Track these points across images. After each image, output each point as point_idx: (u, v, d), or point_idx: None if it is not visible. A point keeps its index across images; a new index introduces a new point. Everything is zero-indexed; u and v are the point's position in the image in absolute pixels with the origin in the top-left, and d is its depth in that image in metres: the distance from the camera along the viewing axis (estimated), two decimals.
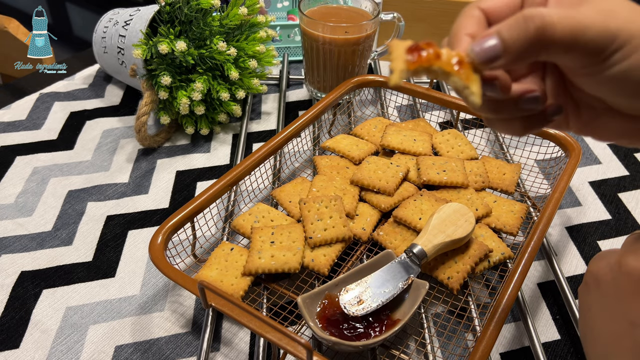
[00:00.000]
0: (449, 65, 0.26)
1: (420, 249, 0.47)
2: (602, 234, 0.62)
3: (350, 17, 0.76)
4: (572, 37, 0.25)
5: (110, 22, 0.76)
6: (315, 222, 0.53)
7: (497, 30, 0.26)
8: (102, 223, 0.61)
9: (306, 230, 0.53)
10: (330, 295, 0.46)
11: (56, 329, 0.50)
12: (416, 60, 0.26)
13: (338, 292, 0.46)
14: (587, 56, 0.26)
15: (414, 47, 0.26)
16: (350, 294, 0.45)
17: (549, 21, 0.25)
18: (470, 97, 0.26)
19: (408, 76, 0.26)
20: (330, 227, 0.53)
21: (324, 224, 0.53)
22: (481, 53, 0.26)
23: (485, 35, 0.26)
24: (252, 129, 0.77)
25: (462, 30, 0.29)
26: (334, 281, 0.47)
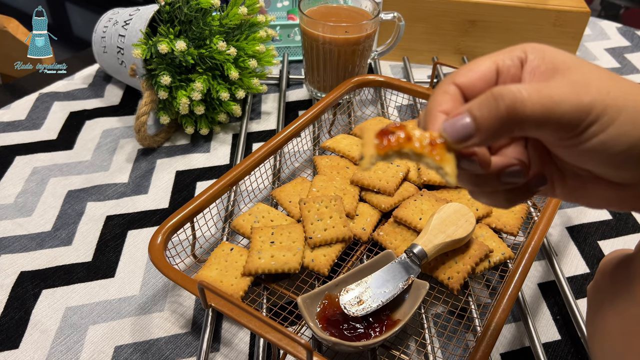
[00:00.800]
0: (421, 147, 0.26)
1: (421, 249, 0.47)
2: (603, 234, 0.62)
3: (350, 16, 0.76)
4: (543, 113, 0.25)
5: (110, 21, 0.76)
6: (315, 222, 0.53)
7: (468, 108, 0.26)
8: (102, 223, 0.61)
9: (306, 230, 0.53)
10: (330, 296, 0.46)
11: (56, 329, 0.50)
12: (386, 145, 0.26)
13: (338, 292, 0.46)
14: (562, 131, 0.26)
15: (384, 132, 0.26)
16: (350, 294, 0.45)
17: (519, 98, 0.25)
18: (445, 178, 0.26)
19: (379, 160, 0.26)
20: (330, 227, 0.52)
21: (324, 224, 0.53)
22: (453, 133, 0.26)
23: (456, 114, 0.26)
24: (252, 128, 0.77)
25: (437, 107, 0.29)
26: (334, 281, 0.47)
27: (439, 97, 0.29)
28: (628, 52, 0.99)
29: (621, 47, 1.01)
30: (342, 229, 0.52)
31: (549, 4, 0.83)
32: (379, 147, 0.26)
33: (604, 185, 0.29)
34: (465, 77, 0.29)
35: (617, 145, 0.26)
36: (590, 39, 1.02)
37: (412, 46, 0.90)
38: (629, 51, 0.99)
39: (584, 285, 0.56)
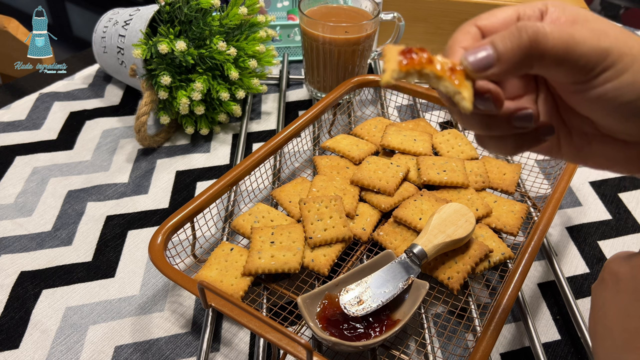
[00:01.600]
0: (442, 70, 0.27)
1: (421, 249, 0.47)
2: (603, 234, 0.62)
3: (350, 17, 0.76)
4: (564, 49, 0.26)
5: (110, 22, 0.76)
6: (316, 222, 0.53)
7: (491, 40, 0.27)
8: (102, 223, 0.61)
9: (306, 230, 0.53)
10: (330, 296, 0.46)
11: (56, 329, 0.50)
12: (408, 62, 0.27)
13: (338, 292, 0.46)
14: (579, 71, 0.26)
15: (407, 50, 0.27)
16: (350, 294, 0.45)
17: (542, 31, 0.26)
18: (462, 102, 0.27)
19: (400, 77, 0.27)
20: (330, 227, 0.52)
21: (324, 224, 0.53)
22: (474, 61, 0.27)
23: (479, 45, 0.27)
24: (252, 129, 0.77)
25: (458, 44, 0.30)
26: (334, 281, 0.47)
27: (460, 35, 0.30)
28: None
29: None
30: (342, 229, 0.52)
31: None
32: (401, 64, 0.27)
33: (611, 143, 0.30)
34: (487, 20, 0.30)
35: (629, 93, 0.26)
36: None
37: (412, 46, 0.90)
38: None
39: (584, 285, 0.56)
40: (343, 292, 0.45)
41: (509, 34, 0.26)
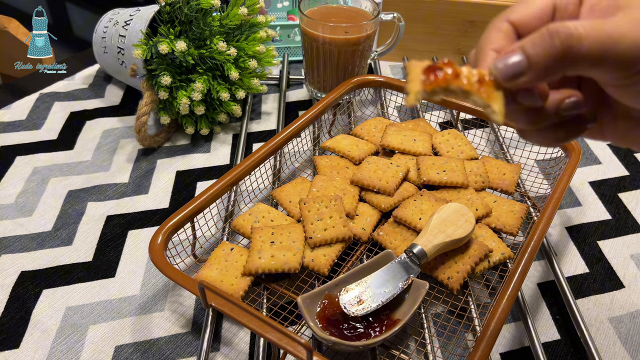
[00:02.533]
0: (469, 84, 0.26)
1: (420, 249, 0.47)
2: (602, 234, 0.62)
3: (350, 17, 0.76)
4: (601, 51, 0.24)
5: (110, 22, 0.76)
6: (316, 222, 0.53)
7: (521, 45, 0.25)
8: (102, 223, 0.61)
9: (306, 230, 0.53)
10: (330, 295, 0.46)
11: (56, 329, 0.50)
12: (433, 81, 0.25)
13: (338, 292, 0.46)
14: (620, 70, 0.24)
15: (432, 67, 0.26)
16: (350, 294, 0.45)
17: (575, 35, 0.24)
18: (493, 116, 0.26)
19: (425, 97, 0.25)
20: (330, 227, 0.53)
21: (324, 224, 0.53)
22: (504, 70, 0.25)
23: (509, 52, 0.25)
24: (252, 129, 0.77)
25: (489, 45, 0.28)
26: (334, 281, 0.47)
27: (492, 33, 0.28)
28: None
29: None
30: (342, 229, 0.52)
31: None
32: (425, 83, 0.25)
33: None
34: (520, 13, 0.28)
35: None
36: None
37: (412, 46, 0.90)
38: None
39: (584, 285, 0.56)
40: (343, 292, 0.46)
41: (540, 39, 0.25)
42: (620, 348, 0.50)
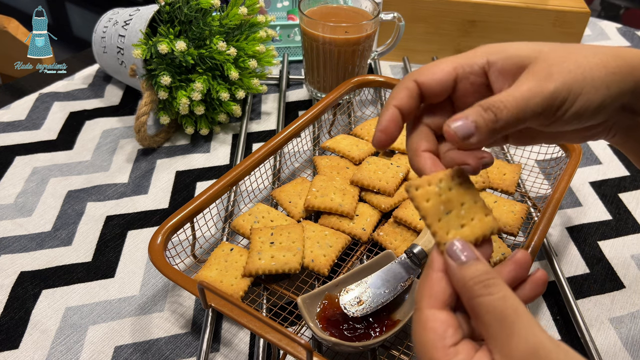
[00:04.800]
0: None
1: (421, 250, 0.47)
2: (603, 235, 0.62)
3: (350, 17, 0.76)
4: (519, 113, 0.30)
5: (110, 22, 0.76)
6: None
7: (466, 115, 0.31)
8: (102, 223, 0.61)
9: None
10: (330, 296, 0.46)
11: (56, 329, 0.50)
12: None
13: (338, 292, 0.46)
14: (539, 119, 0.31)
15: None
16: (350, 295, 0.45)
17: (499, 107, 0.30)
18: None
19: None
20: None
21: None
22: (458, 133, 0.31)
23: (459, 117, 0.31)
24: (252, 129, 0.77)
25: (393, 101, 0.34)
26: (334, 281, 0.47)
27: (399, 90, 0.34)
28: None
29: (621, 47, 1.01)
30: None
31: (548, 5, 0.83)
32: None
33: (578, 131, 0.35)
34: (425, 77, 0.34)
35: (589, 108, 0.31)
36: (590, 39, 1.02)
37: (412, 46, 0.90)
38: None
39: (584, 285, 0.56)
40: (343, 292, 0.45)
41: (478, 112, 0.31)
42: (620, 348, 0.50)
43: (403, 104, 0.34)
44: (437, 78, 0.34)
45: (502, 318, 0.27)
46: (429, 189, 0.32)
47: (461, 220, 0.32)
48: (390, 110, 0.34)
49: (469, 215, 0.32)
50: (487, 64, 0.33)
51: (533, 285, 0.31)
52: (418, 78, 0.34)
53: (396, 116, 0.34)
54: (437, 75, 0.34)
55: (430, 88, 0.34)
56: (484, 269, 0.29)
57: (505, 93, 0.31)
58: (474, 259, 0.29)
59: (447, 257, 0.30)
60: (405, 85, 0.34)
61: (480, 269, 0.29)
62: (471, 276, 0.29)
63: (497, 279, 0.29)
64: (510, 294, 0.28)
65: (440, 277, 0.30)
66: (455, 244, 0.30)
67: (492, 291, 0.28)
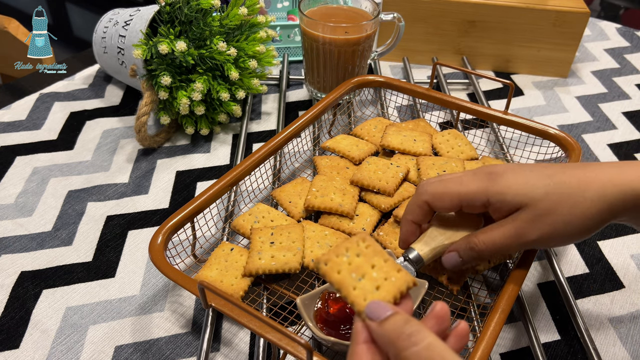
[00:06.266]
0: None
1: (417, 255, 0.46)
2: (603, 234, 0.62)
3: (350, 17, 0.76)
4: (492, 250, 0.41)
5: (110, 22, 0.76)
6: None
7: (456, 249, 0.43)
8: (102, 223, 0.61)
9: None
10: (329, 296, 0.46)
11: (56, 329, 0.50)
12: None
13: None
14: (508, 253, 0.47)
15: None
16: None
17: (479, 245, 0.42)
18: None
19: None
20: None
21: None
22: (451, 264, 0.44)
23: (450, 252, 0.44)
24: (252, 129, 0.77)
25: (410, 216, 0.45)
26: None
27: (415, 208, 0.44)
28: (627, 52, 0.99)
29: (621, 47, 1.01)
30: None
31: (548, 5, 0.83)
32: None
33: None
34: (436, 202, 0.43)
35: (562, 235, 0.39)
36: (590, 40, 1.02)
37: (412, 46, 0.90)
38: (629, 52, 0.99)
39: (584, 285, 0.56)
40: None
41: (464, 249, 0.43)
42: (620, 348, 0.50)
43: (418, 219, 0.44)
44: (446, 206, 0.42)
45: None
46: (337, 260, 0.33)
47: (375, 282, 0.32)
48: (408, 225, 0.45)
49: (381, 276, 0.33)
50: (488, 202, 0.40)
51: (457, 337, 0.31)
52: (430, 201, 0.43)
53: (413, 228, 0.45)
54: (446, 204, 0.42)
55: (439, 209, 0.44)
56: (404, 319, 0.29)
57: (488, 234, 0.41)
58: (392, 313, 0.30)
59: (367, 320, 0.30)
60: (419, 205, 0.43)
61: (399, 320, 0.29)
62: (392, 329, 0.29)
63: (419, 326, 0.29)
64: (436, 341, 0.28)
65: (365, 350, 0.30)
66: (371, 305, 0.30)
67: (416, 341, 0.28)
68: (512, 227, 0.39)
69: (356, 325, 0.31)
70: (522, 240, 0.39)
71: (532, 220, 0.38)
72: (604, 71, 0.93)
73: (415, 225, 0.44)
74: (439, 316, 0.31)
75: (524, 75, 0.91)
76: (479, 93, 0.83)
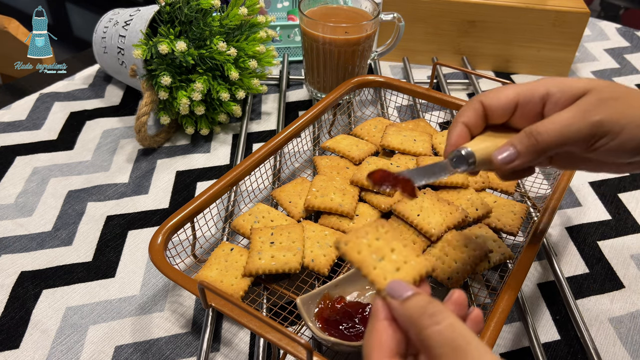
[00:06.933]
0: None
1: (469, 150, 0.38)
2: (602, 235, 0.62)
3: (350, 17, 0.76)
4: (558, 137, 0.35)
5: (110, 22, 0.76)
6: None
7: (511, 142, 0.37)
8: (102, 223, 0.61)
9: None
10: (329, 296, 0.46)
11: (56, 329, 0.50)
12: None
13: (337, 292, 0.46)
14: (579, 146, 0.35)
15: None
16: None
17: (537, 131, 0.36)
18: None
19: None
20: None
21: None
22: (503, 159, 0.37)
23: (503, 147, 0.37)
24: (252, 129, 0.77)
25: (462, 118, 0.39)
26: (333, 281, 0.47)
27: (467, 110, 0.39)
28: (627, 52, 0.99)
29: (621, 47, 1.01)
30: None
31: (548, 5, 0.83)
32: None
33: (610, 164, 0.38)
34: (491, 100, 0.38)
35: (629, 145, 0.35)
36: (590, 40, 1.03)
37: (412, 46, 0.90)
38: (629, 52, 0.99)
39: (584, 285, 0.56)
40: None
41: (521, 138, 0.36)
42: (620, 348, 0.50)
43: (470, 122, 0.39)
44: (502, 102, 0.38)
45: (454, 348, 0.27)
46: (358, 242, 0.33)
47: (395, 264, 0.33)
48: (459, 127, 0.39)
49: (401, 259, 0.33)
50: (547, 94, 0.37)
51: (473, 323, 0.32)
52: (484, 100, 0.38)
53: (464, 132, 0.39)
54: (502, 100, 0.38)
55: (494, 110, 0.38)
56: (427, 299, 0.29)
57: (549, 119, 0.36)
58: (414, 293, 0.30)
59: (389, 298, 0.30)
60: (472, 106, 0.39)
61: (422, 300, 0.29)
62: (415, 308, 0.29)
63: (442, 307, 0.29)
64: (457, 322, 0.28)
65: (387, 326, 0.30)
66: (393, 283, 0.31)
67: (439, 319, 0.28)
68: (573, 107, 0.35)
69: (376, 303, 0.31)
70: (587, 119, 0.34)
71: (598, 102, 0.35)
72: (604, 71, 0.93)
73: (466, 128, 0.39)
74: (457, 302, 0.31)
75: (524, 75, 0.91)
76: (479, 93, 0.83)
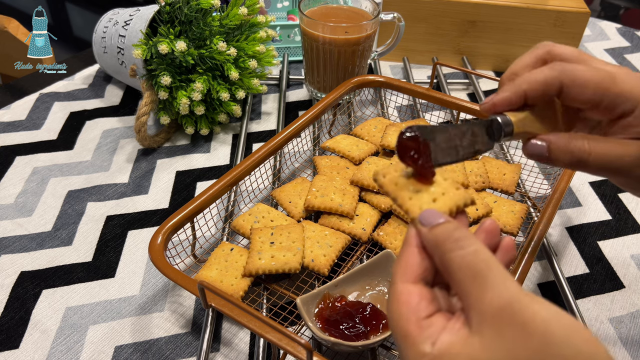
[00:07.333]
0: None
1: (507, 118, 0.36)
2: (602, 235, 0.62)
3: (350, 17, 0.76)
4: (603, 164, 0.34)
5: (110, 22, 0.76)
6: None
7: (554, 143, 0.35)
8: (102, 223, 0.61)
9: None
10: (329, 296, 0.46)
11: (56, 329, 0.50)
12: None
13: (337, 292, 0.46)
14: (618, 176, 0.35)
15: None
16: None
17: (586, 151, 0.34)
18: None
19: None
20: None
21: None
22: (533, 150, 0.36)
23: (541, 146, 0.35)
24: (252, 129, 0.77)
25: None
26: (333, 281, 0.47)
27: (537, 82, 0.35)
28: (628, 52, 0.99)
29: (621, 47, 1.01)
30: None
31: (548, 5, 0.83)
32: None
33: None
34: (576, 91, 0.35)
35: None
36: (590, 40, 1.02)
37: (412, 46, 0.90)
38: (629, 52, 0.99)
39: (584, 285, 0.56)
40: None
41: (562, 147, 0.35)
42: (620, 348, 0.50)
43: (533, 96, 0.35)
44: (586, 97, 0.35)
45: (475, 273, 0.26)
46: (396, 175, 0.32)
47: (432, 196, 0.31)
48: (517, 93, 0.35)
49: (439, 190, 0.31)
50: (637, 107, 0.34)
51: (504, 251, 0.30)
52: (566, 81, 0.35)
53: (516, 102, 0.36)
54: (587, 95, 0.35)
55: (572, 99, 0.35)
56: (455, 225, 0.28)
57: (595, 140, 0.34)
58: (445, 221, 0.29)
59: (419, 226, 0.29)
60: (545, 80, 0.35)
61: (450, 226, 0.28)
62: (442, 234, 0.28)
63: (469, 233, 0.28)
64: (483, 249, 0.27)
65: (415, 252, 0.29)
66: (426, 212, 0.30)
67: (463, 245, 0.27)
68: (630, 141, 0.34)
69: (409, 231, 0.30)
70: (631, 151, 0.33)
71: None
72: None
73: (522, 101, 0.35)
74: (488, 230, 0.30)
75: None
76: (479, 93, 0.83)
